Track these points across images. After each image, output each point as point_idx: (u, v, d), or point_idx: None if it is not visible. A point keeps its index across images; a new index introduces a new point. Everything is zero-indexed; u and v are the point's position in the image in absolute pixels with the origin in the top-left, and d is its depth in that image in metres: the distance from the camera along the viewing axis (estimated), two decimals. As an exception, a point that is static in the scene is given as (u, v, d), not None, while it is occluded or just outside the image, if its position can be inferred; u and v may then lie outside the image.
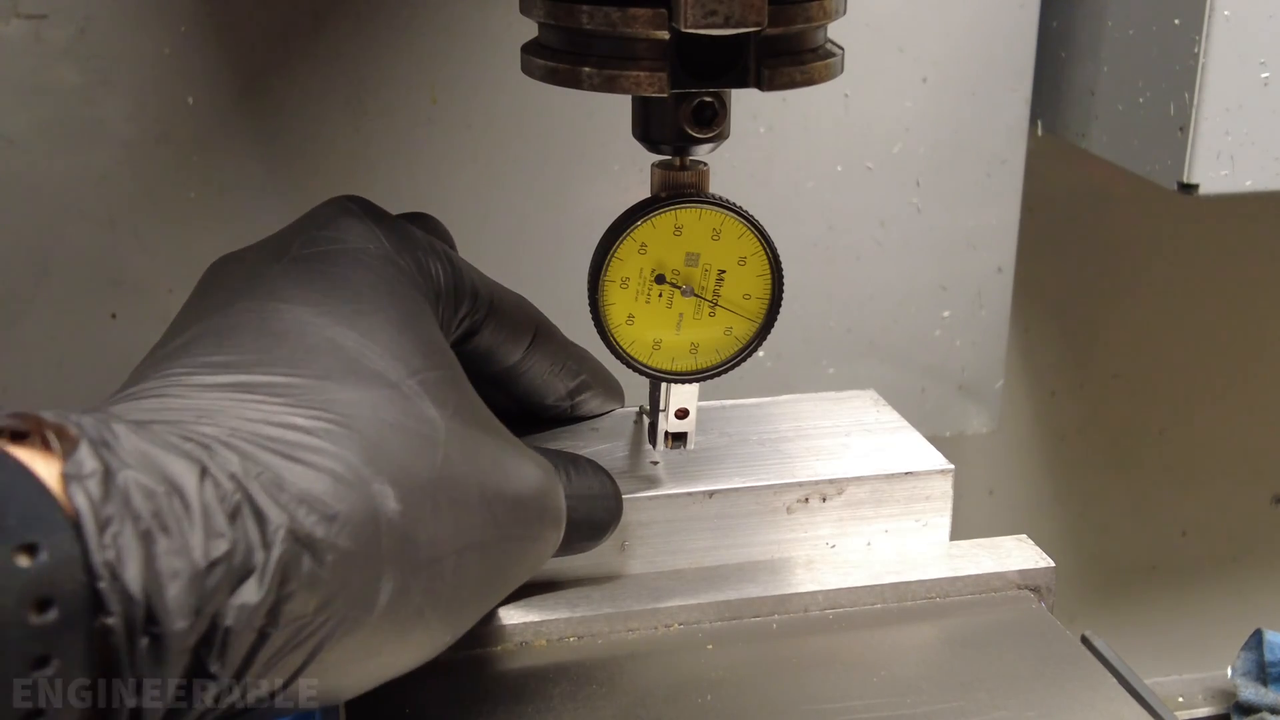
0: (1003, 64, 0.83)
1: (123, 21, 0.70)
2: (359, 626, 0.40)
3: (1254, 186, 0.75)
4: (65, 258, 0.73)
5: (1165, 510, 1.11)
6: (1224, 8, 0.72)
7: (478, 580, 0.45)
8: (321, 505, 0.38)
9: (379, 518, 0.40)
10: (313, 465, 0.39)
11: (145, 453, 0.35)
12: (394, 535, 0.40)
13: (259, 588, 0.36)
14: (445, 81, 0.76)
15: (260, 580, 0.36)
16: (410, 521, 0.41)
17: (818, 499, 0.60)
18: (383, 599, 0.40)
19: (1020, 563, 0.60)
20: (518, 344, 0.57)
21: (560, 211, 0.79)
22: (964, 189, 0.85)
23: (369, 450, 0.41)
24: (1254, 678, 0.85)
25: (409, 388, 0.44)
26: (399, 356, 0.45)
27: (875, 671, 0.54)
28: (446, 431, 0.44)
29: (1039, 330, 1.02)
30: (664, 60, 0.47)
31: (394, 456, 0.41)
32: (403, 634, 0.42)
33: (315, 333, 0.44)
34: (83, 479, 0.34)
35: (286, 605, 0.37)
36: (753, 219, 0.52)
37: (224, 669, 0.36)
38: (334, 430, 0.40)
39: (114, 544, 0.33)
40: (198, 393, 0.41)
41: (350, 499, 0.39)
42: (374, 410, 0.42)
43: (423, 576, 0.42)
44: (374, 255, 0.49)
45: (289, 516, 0.37)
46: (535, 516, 0.49)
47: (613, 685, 0.53)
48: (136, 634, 0.34)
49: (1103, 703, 0.52)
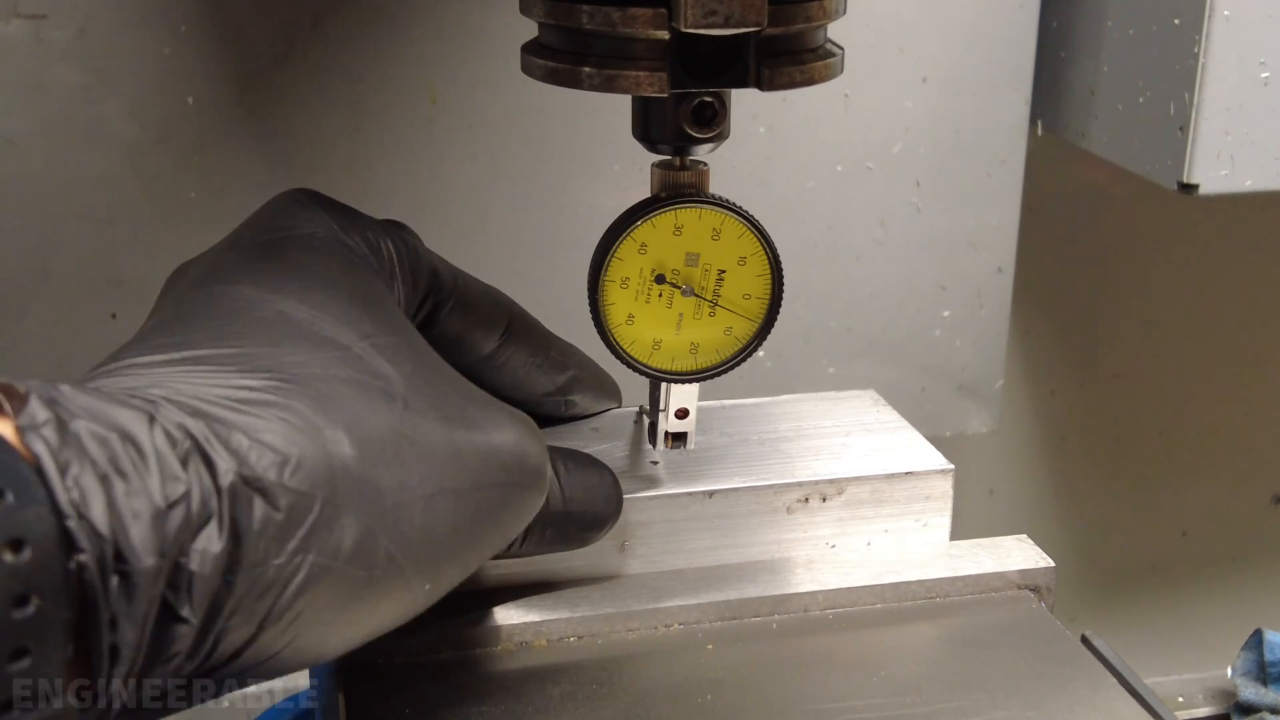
0: (1003, 64, 0.83)
1: (123, 21, 0.70)
2: (326, 573, 0.39)
3: (1254, 186, 0.75)
4: (65, 258, 0.73)
5: (1165, 510, 1.11)
6: (1224, 8, 0.72)
7: (453, 529, 0.44)
8: (272, 450, 0.38)
9: (332, 461, 0.40)
10: (262, 416, 0.39)
11: (93, 406, 0.36)
12: (351, 479, 0.40)
13: (218, 532, 0.36)
14: (445, 81, 0.76)
15: (219, 525, 0.36)
16: (368, 466, 0.41)
17: (818, 499, 0.60)
18: (346, 544, 0.40)
19: (1020, 563, 0.60)
20: (489, 332, 0.57)
21: (560, 211, 0.79)
22: (964, 189, 0.85)
23: (320, 402, 0.41)
24: (1254, 678, 0.85)
25: (362, 349, 0.44)
26: (351, 324, 0.45)
27: (875, 671, 0.54)
28: (405, 386, 0.44)
29: (1039, 330, 1.02)
30: (664, 60, 0.47)
31: (347, 407, 0.41)
32: (376, 584, 0.41)
33: (265, 307, 0.44)
34: (38, 428, 0.34)
35: (245, 550, 0.37)
36: (753, 219, 0.52)
37: (193, 612, 0.36)
38: (283, 386, 0.40)
39: (77, 485, 0.34)
40: (148, 370, 0.41)
41: (301, 443, 0.39)
42: (324, 368, 0.42)
43: (389, 522, 0.41)
44: (323, 239, 0.49)
45: (239, 461, 0.37)
46: (510, 465, 0.47)
47: (613, 685, 0.53)
48: (108, 572, 0.34)
49: (1103, 703, 0.52)
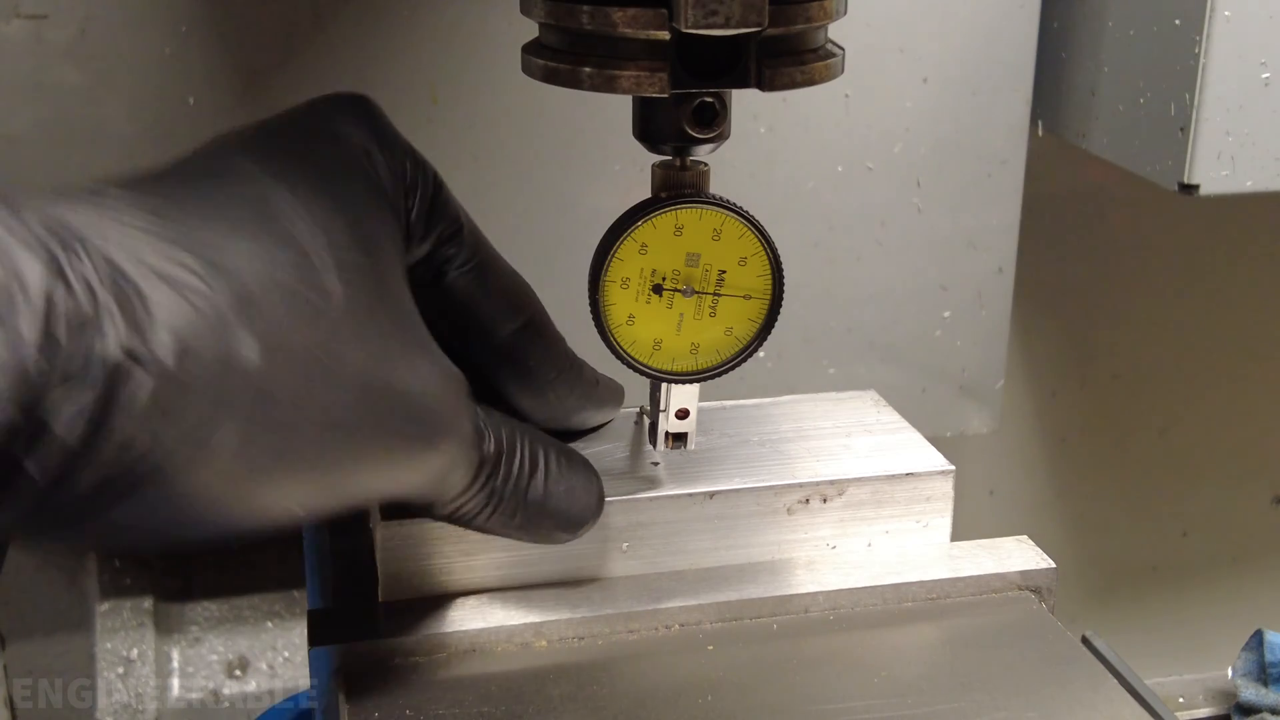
0: (1003, 64, 0.83)
1: (123, 21, 0.70)
2: (194, 465, 0.39)
3: (1254, 187, 0.75)
4: (65, 258, 0.73)
5: (1165, 510, 1.11)
6: (1224, 8, 0.72)
7: (340, 464, 0.44)
8: (173, 334, 0.38)
9: (231, 363, 0.39)
10: (179, 297, 0.38)
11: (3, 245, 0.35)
12: (246, 386, 0.40)
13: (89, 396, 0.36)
14: (445, 81, 0.76)
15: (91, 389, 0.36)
16: (269, 379, 0.40)
17: (818, 500, 0.60)
18: (221, 444, 0.39)
19: (1021, 563, 0.60)
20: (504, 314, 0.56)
21: (560, 211, 0.79)
22: (964, 189, 0.85)
23: (243, 301, 0.40)
24: (1254, 678, 0.85)
25: (319, 259, 0.43)
26: (324, 229, 0.44)
27: (876, 672, 0.54)
28: (342, 309, 0.43)
29: (1039, 330, 1.02)
30: (664, 60, 0.47)
31: (269, 314, 0.41)
32: (247, 489, 0.41)
33: (249, 182, 0.44)
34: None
35: (113, 420, 0.36)
36: (753, 219, 0.52)
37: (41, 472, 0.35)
38: (214, 274, 0.40)
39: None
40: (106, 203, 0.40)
41: (206, 337, 0.38)
42: (266, 267, 0.41)
43: (274, 438, 0.41)
44: (353, 143, 0.49)
45: (139, 338, 0.37)
46: (422, 418, 0.47)
47: (613, 686, 0.53)
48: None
49: (1103, 703, 0.52)
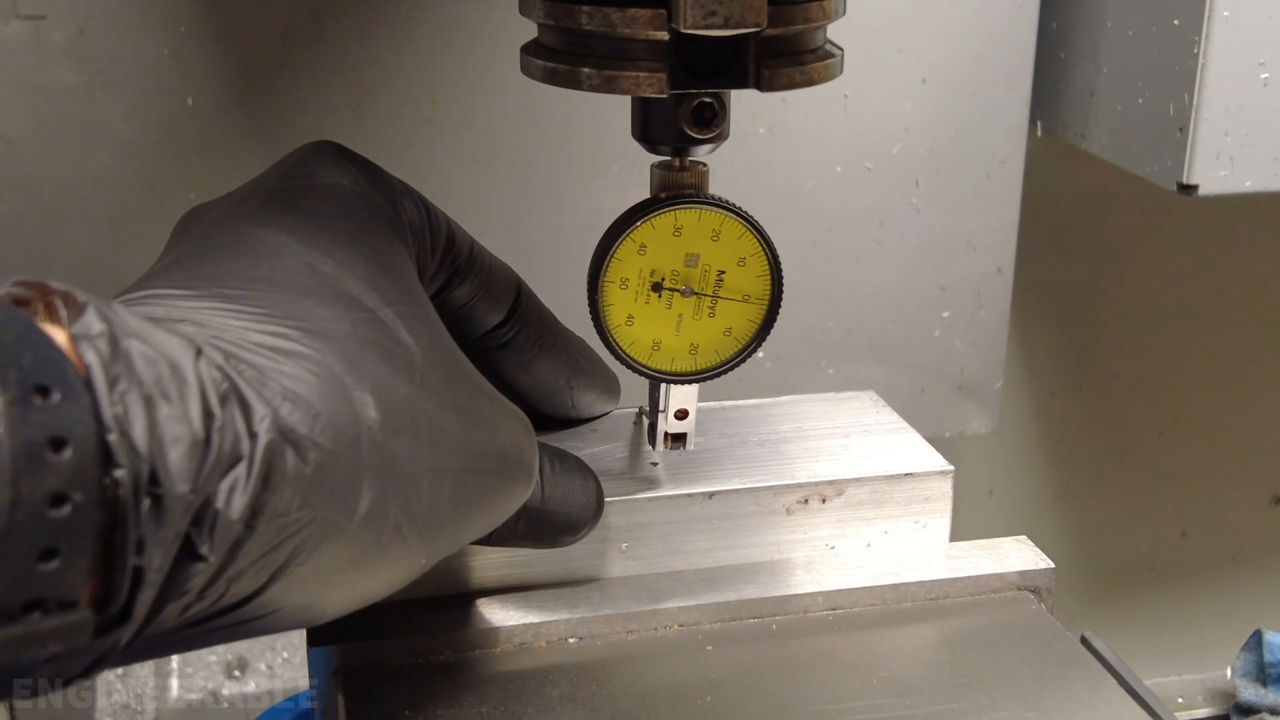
0: (1002, 64, 0.83)
1: (123, 22, 0.70)
2: (339, 533, 0.39)
3: (1254, 187, 0.75)
4: (65, 258, 0.73)
5: (1165, 510, 1.11)
6: (1224, 8, 0.72)
7: (451, 506, 0.45)
8: (305, 403, 0.38)
9: (359, 423, 0.40)
10: (294, 366, 0.39)
11: (143, 329, 0.36)
12: (373, 443, 0.40)
13: (246, 476, 0.36)
14: (445, 81, 0.76)
15: (248, 468, 0.36)
16: (388, 433, 0.41)
17: (817, 500, 0.60)
18: (362, 506, 0.40)
19: (1020, 564, 0.60)
20: (498, 304, 0.56)
21: (560, 211, 0.79)
22: (963, 189, 0.85)
23: (349, 361, 0.40)
24: (1253, 678, 0.85)
25: (385, 315, 0.44)
26: (374, 287, 0.44)
27: (875, 672, 0.54)
28: (423, 359, 0.44)
29: (1039, 330, 1.02)
30: (664, 61, 0.47)
31: (373, 370, 0.41)
32: (381, 549, 0.41)
33: (293, 255, 0.44)
34: (92, 339, 0.34)
35: (271, 498, 0.37)
36: (752, 219, 0.52)
37: (213, 551, 0.35)
38: (313, 340, 0.40)
39: (122, 401, 0.34)
40: (173, 301, 0.40)
41: (333, 400, 0.39)
42: (352, 327, 0.42)
43: (400, 490, 0.41)
44: (349, 192, 0.49)
45: (273, 411, 0.37)
46: (508, 457, 0.48)
47: (612, 686, 0.53)
48: (141, 493, 0.34)
49: (1103, 703, 0.52)
